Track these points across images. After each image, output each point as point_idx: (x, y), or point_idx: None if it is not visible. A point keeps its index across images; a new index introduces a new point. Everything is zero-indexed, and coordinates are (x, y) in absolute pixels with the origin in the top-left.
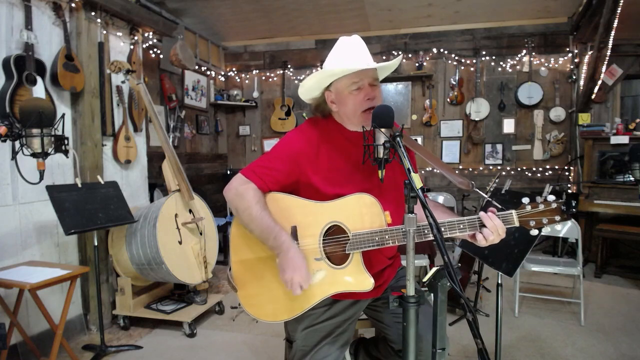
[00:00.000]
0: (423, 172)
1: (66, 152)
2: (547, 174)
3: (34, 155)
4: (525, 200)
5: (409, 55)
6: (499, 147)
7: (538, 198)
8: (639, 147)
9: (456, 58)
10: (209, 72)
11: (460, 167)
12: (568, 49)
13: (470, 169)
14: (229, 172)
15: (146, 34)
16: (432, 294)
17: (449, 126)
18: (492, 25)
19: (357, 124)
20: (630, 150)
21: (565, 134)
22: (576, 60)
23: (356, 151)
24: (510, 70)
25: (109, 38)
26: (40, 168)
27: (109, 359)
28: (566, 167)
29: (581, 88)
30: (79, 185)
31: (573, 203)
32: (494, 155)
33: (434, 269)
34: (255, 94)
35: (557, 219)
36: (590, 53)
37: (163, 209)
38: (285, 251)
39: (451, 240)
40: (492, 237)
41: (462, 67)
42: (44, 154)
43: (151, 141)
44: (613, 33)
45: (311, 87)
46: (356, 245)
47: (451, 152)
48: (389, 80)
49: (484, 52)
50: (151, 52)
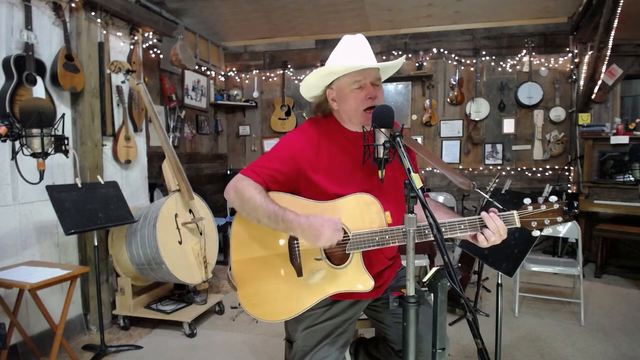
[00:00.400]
0: (423, 172)
1: (66, 152)
2: (547, 174)
3: (34, 155)
4: (527, 200)
5: (409, 55)
6: (499, 147)
7: (540, 199)
8: (639, 147)
9: (456, 58)
10: (209, 72)
11: (460, 167)
12: (568, 49)
13: (470, 169)
14: (229, 172)
15: (146, 34)
16: (432, 294)
17: (449, 126)
18: (492, 25)
19: (358, 122)
20: (630, 150)
21: (565, 134)
22: (576, 60)
23: (356, 151)
24: (510, 70)
25: (109, 38)
26: (40, 168)
27: (109, 359)
28: (566, 167)
29: (581, 88)
30: (79, 185)
31: (575, 204)
32: (494, 155)
33: (434, 269)
34: (255, 94)
35: (559, 219)
36: (590, 53)
37: (163, 209)
38: (298, 224)
39: (451, 240)
40: (493, 238)
41: (462, 67)
42: (44, 154)
43: (151, 141)
44: (613, 33)
45: (313, 84)
46: (356, 245)
47: (451, 152)
48: (389, 80)
49: (484, 52)
50: (151, 52)
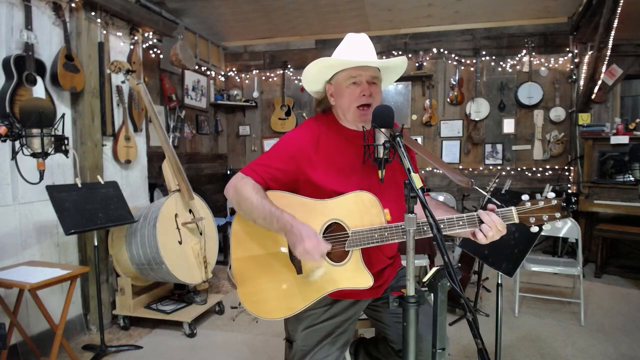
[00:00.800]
0: (423, 172)
1: (66, 152)
2: (547, 174)
3: (34, 155)
4: (525, 197)
5: (409, 55)
6: (499, 147)
7: (538, 195)
8: (639, 147)
9: (456, 58)
10: (209, 72)
11: (460, 167)
12: (568, 49)
13: (470, 169)
14: (229, 172)
15: (146, 34)
16: (432, 294)
17: (449, 126)
18: (492, 25)
19: (351, 119)
20: (630, 150)
21: (565, 134)
22: (576, 60)
23: (355, 149)
24: (510, 70)
25: (109, 38)
26: (40, 168)
27: (109, 359)
28: (566, 167)
29: (581, 88)
30: (79, 185)
31: (573, 199)
32: (494, 155)
33: (434, 269)
34: (255, 94)
35: (558, 215)
36: (590, 53)
37: (163, 209)
38: (289, 229)
39: (451, 240)
40: (491, 233)
41: (462, 67)
42: (44, 154)
43: (151, 141)
44: (613, 33)
45: (313, 77)
46: (355, 242)
47: (451, 152)
48: None
49: (484, 52)
50: (151, 52)
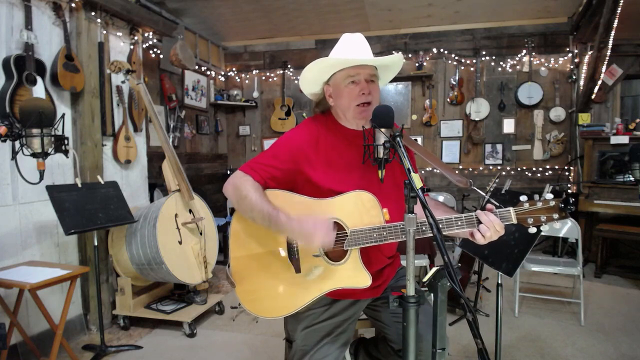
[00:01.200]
0: (423, 172)
1: (66, 152)
2: (547, 174)
3: (34, 155)
4: (523, 197)
5: (409, 55)
6: (499, 147)
7: (536, 196)
8: (639, 147)
9: (456, 58)
10: (209, 72)
11: (460, 167)
12: (568, 49)
13: (470, 169)
14: (229, 172)
15: (146, 34)
16: (432, 294)
17: (449, 126)
18: (492, 25)
19: (351, 118)
20: (630, 150)
21: (565, 134)
22: (576, 60)
23: (354, 149)
24: (510, 70)
25: (109, 38)
26: (40, 168)
27: (109, 359)
28: (566, 167)
29: (581, 88)
30: (79, 185)
31: (571, 201)
32: (494, 155)
33: (434, 269)
34: (255, 94)
35: (556, 217)
36: (590, 53)
37: (163, 209)
38: (290, 227)
39: (451, 240)
40: (489, 234)
41: (462, 67)
42: (44, 154)
43: (151, 141)
44: (613, 33)
45: (311, 79)
46: (354, 241)
47: (451, 152)
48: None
49: (484, 52)
50: (151, 52)
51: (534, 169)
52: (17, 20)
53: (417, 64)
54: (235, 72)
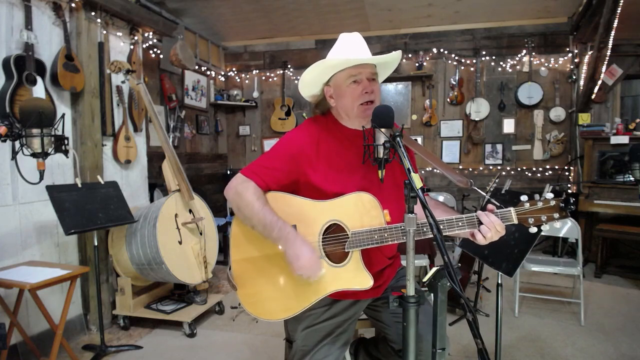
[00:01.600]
0: (423, 172)
1: (66, 152)
2: (547, 174)
3: (34, 155)
4: (523, 197)
5: (409, 55)
6: (499, 147)
7: (536, 196)
8: (639, 147)
9: (456, 58)
10: (209, 72)
11: (460, 167)
12: (568, 49)
13: (470, 169)
14: (229, 172)
15: (146, 34)
16: (432, 294)
17: (449, 126)
18: (492, 25)
19: (355, 117)
20: (630, 150)
21: (565, 134)
22: (576, 60)
23: (355, 149)
24: (510, 70)
25: (109, 38)
26: (40, 168)
27: (109, 359)
28: (566, 167)
29: (581, 88)
30: (79, 185)
31: (571, 200)
32: (494, 155)
33: (434, 269)
34: (255, 94)
35: (556, 216)
36: (590, 53)
37: (163, 209)
38: (291, 242)
39: (451, 240)
40: (489, 234)
41: (462, 67)
42: (44, 154)
43: (151, 141)
44: (613, 33)
45: (311, 81)
46: (355, 243)
47: (451, 152)
48: (389, 80)
49: (484, 52)
50: (151, 52)
51: (534, 169)
52: (17, 20)
53: (417, 64)
54: (235, 72)
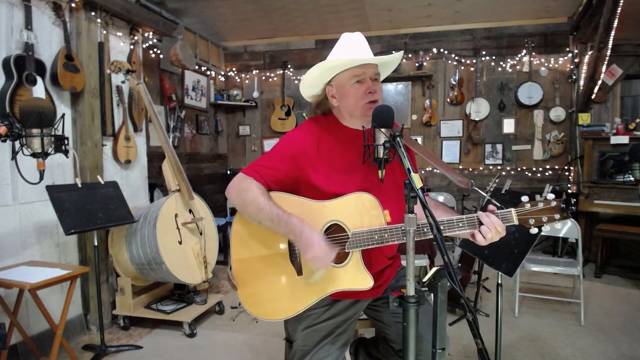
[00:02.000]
0: (423, 172)
1: (66, 152)
2: (547, 174)
3: (34, 155)
4: (524, 198)
5: (409, 55)
6: (499, 147)
7: (537, 197)
8: (639, 147)
9: (456, 58)
10: (209, 72)
11: (460, 167)
12: (568, 49)
13: (470, 169)
14: (229, 172)
15: (146, 34)
16: (432, 294)
17: (449, 126)
18: (492, 25)
19: (358, 117)
20: (630, 150)
21: (565, 134)
22: (576, 60)
23: (356, 149)
24: (510, 70)
25: (109, 38)
26: (40, 168)
27: (109, 359)
28: (566, 167)
29: (581, 88)
30: (79, 185)
31: (572, 201)
32: (494, 155)
33: (434, 269)
34: (255, 94)
35: (557, 217)
36: (590, 53)
37: (163, 209)
38: (299, 234)
39: (451, 240)
40: (490, 235)
41: (462, 67)
42: (44, 154)
43: (151, 141)
44: (613, 33)
45: (313, 81)
46: (356, 243)
47: (451, 152)
48: (389, 80)
49: (484, 52)
50: (151, 52)
51: (534, 169)
52: (17, 20)
53: (417, 64)
54: (235, 72)
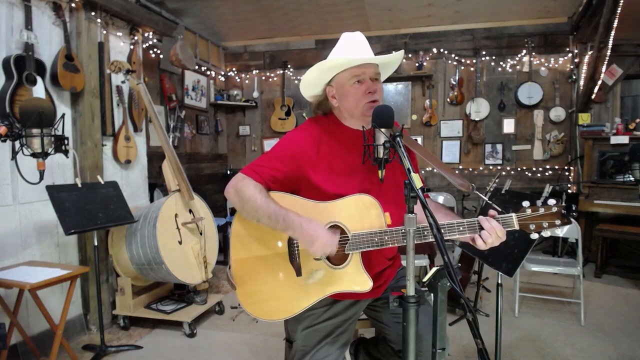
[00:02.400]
0: (423, 172)
1: (66, 152)
2: (547, 174)
3: (34, 155)
4: (525, 203)
5: (409, 55)
6: (499, 147)
7: (538, 202)
8: (639, 147)
9: (456, 58)
10: (209, 72)
11: (460, 167)
12: (568, 49)
13: (470, 169)
14: (229, 172)
15: (146, 34)
16: (432, 294)
17: (449, 126)
18: (492, 25)
19: (359, 117)
20: (630, 150)
21: (565, 134)
22: (576, 60)
23: (356, 150)
24: (510, 70)
25: (109, 38)
26: (40, 168)
27: (109, 359)
28: (566, 167)
29: (581, 88)
30: (79, 185)
31: (573, 207)
32: (494, 155)
33: (434, 269)
34: (255, 94)
35: (558, 222)
36: (590, 53)
37: (163, 209)
38: (298, 227)
39: (451, 240)
40: (490, 240)
41: (462, 67)
42: (44, 154)
43: (151, 141)
44: (613, 33)
45: (313, 81)
46: (355, 245)
47: (451, 152)
48: (389, 80)
49: (484, 52)
50: (151, 52)
51: (534, 169)
52: (17, 20)
53: (417, 64)
54: (235, 72)
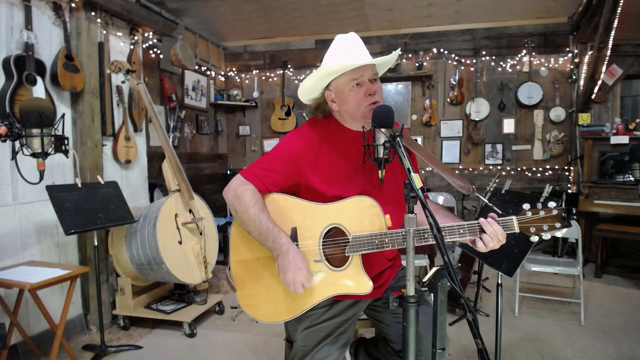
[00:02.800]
0: (423, 172)
1: (66, 152)
2: (547, 174)
3: (34, 155)
4: (525, 206)
5: (409, 55)
6: (499, 147)
7: (539, 205)
8: (639, 147)
9: (456, 58)
10: (209, 72)
11: (460, 167)
12: (568, 49)
13: (470, 169)
14: (229, 172)
15: (146, 34)
16: (432, 294)
17: (449, 126)
18: (492, 25)
19: (360, 120)
20: (630, 150)
21: (565, 134)
22: (576, 60)
23: (357, 151)
24: (510, 70)
25: (109, 38)
26: (40, 168)
27: (109, 359)
28: (566, 167)
29: (581, 88)
30: (79, 185)
31: (573, 210)
32: (494, 155)
33: (434, 269)
34: (255, 94)
35: (558, 225)
36: (590, 53)
37: (163, 209)
38: (284, 252)
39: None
40: (492, 244)
41: (462, 67)
42: (44, 154)
43: (151, 141)
44: (613, 33)
45: (311, 87)
46: (356, 247)
47: (451, 152)
48: (389, 80)
49: (484, 52)
50: (151, 52)
51: (534, 169)
52: (17, 20)
53: (417, 64)
54: (235, 72)
